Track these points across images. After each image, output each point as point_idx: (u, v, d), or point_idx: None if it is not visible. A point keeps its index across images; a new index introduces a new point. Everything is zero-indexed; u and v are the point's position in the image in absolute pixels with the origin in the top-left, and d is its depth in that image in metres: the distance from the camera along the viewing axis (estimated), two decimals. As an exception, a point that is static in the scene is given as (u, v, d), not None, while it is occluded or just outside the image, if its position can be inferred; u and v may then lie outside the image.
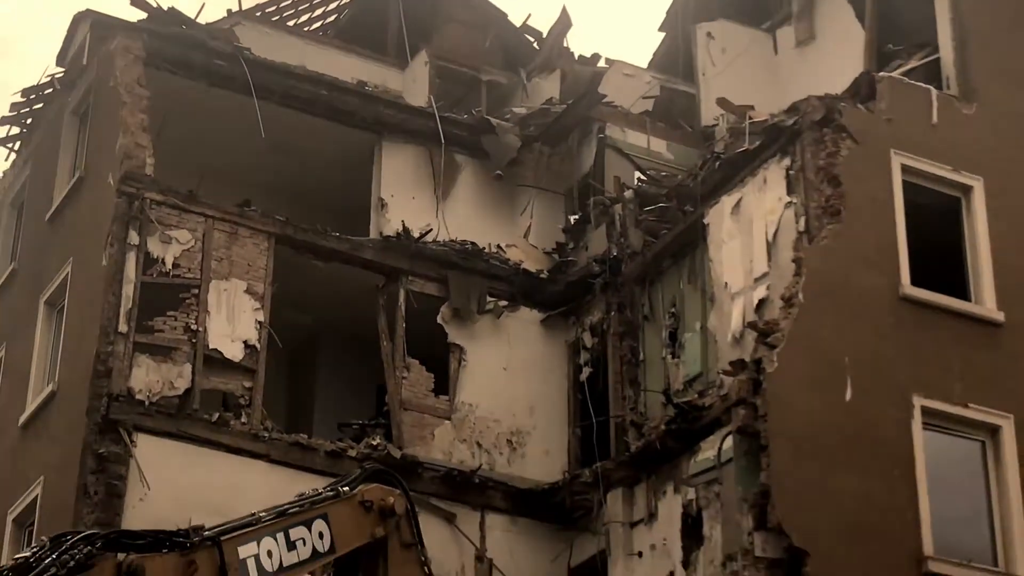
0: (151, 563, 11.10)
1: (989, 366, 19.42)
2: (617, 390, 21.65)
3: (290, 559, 12.50)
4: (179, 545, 11.51)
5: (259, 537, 12.24)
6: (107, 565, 10.80)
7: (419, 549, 14.05)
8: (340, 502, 13.24)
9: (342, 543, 13.14)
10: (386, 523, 13.50)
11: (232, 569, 11.85)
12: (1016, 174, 20.71)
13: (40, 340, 22.97)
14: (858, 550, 17.63)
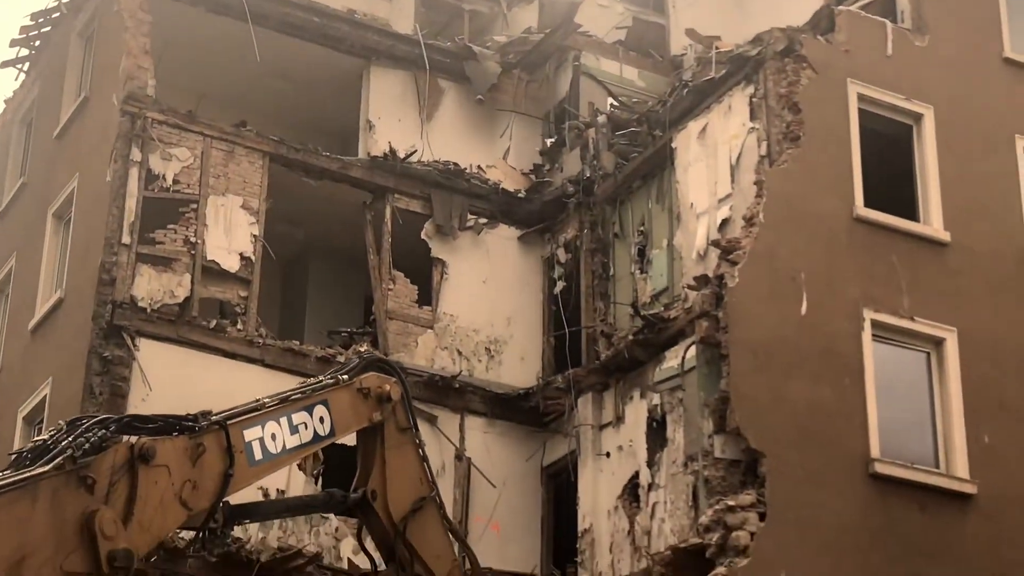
0: (162, 445, 10.99)
1: (935, 283, 19.47)
2: (588, 302, 21.71)
3: (293, 442, 12.43)
4: (188, 429, 11.43)
5: (263, 421, 12.16)
6: (121, 447, 10.68)
7: (414, 433, 13.98)
8: (339, 389, 13.16)
9: (341, 427, 13.08)
10: (383, 408, 13.41)
11: (238, 451, 11.77)
12: (964, 103, 20.67)
13: (48, 250, 22.92)
14: (810, 452, 17.75)
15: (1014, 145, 20.86)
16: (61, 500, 9.95)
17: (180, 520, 11.17)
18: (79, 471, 10.11)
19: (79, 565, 10.02)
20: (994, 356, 19.44)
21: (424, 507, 13.66)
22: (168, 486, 10.89)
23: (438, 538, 13.84)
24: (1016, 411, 19.29)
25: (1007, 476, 18.85)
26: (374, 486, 13.35)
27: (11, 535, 9.51)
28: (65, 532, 9.93)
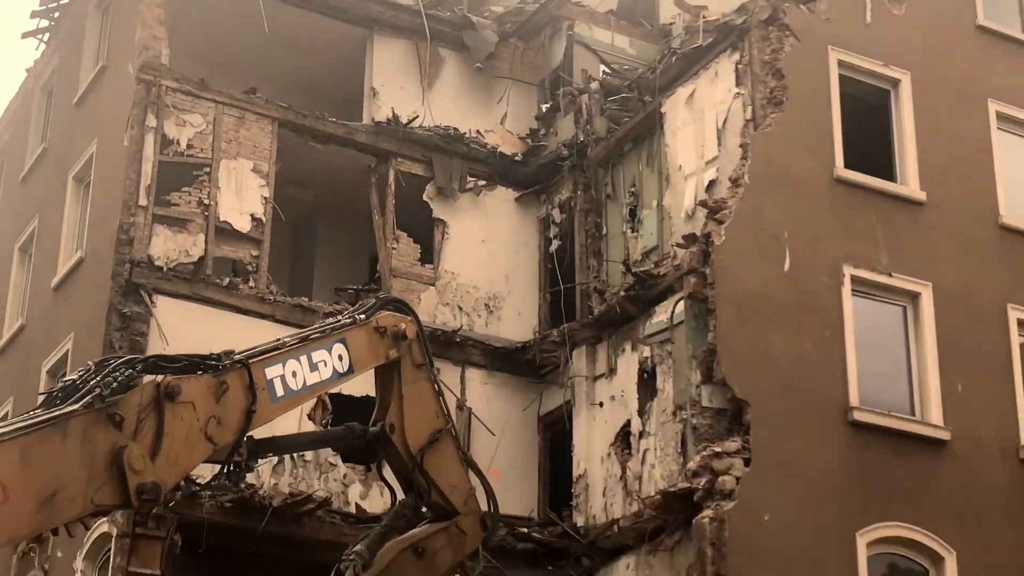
0: (187, 383, 10.85)
1: (911, 240, 19.53)
2: (582, 260, 21.73)
3: (313, 379, 12.28)
4: (212, 367, 11.27)
5: (284, 360, 12.00)
6: (147, 386, 10.57)
7: (429, 369, 13.87)
8: (357, 328, 13.01)
9: (359, 364, 12.92)
10: (398, 346, 13.29)
11: (260, 388, 11.63)
12: (939, 68, 20.67)
13: (69, 212, 22.96)
14: (792, 401, 17.85)
15: (987, 108, 20.89)
16: (91, 436, 9.88)
17: (206, 454, 11.09)
18: (108, 409, 10.03)
19: (109, 498, 9.99)
20: (967, 309, 19.51)
21: (440, 439, 13.62)
22: (193, 422, 10.82)
23: (454, 469, 13.79)
24: (987, 361, 19.39)
25: (979, 423, 18.95)
26: (392, 420, 13.29)
27: (44, 469, 9.45)
28: (95, 467, 9.87)
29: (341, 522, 19.07)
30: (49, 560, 19.97)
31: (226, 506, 17.95)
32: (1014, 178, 20.87)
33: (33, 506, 9.36)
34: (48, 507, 9.45)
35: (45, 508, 9.44)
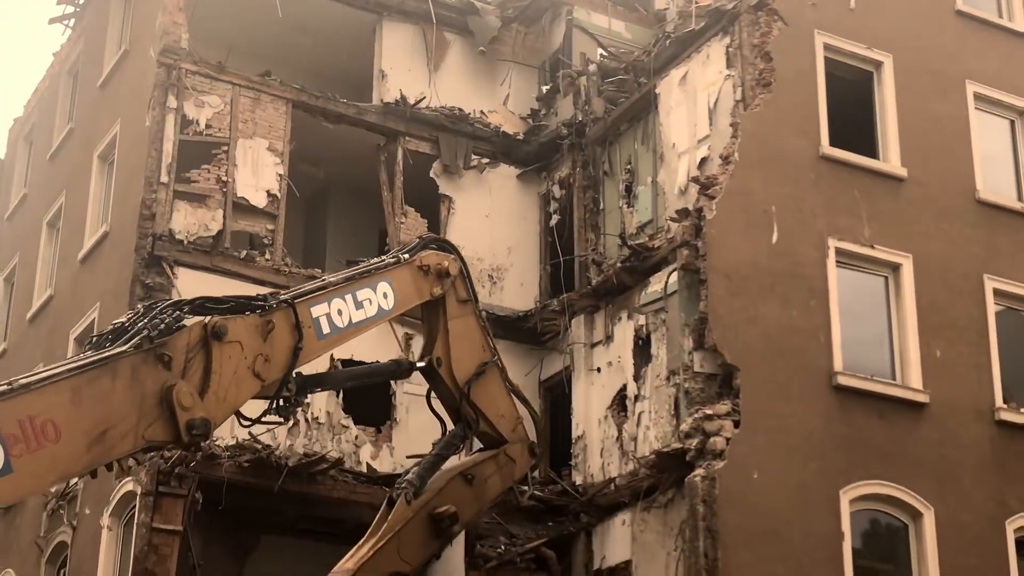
0: (233, 323, 10.75)
1: (893, 214, 19.50)
2: (581, 234, 21.71)
3: (358, 316, 12.18)
4: (258, 308, 11.19)
5: (329, 299, 11.91)
6: (195, 326, 10.45)
7: (474, 304, 13.75)
8: (401, 267, 12.88)
9: (404, 301, 12.83)
10: (442, 283, 13.18)
11: (306, 326, 11.46)
12: (920, 51, 20.61)
13: (94, 188, 22.94)
14: (780, 366, 17.85)
15: (964, 89, 20.85)
16: (140, 376, 9.80)
17: (254, 391, 10.99)
18: (156, 349, 9.94)
19: (160, 433, 9.92)
20: (945, 280, 19.50)
21: (486, 371, 13.53)
22: (241, 360, 10.72)
23: (501, 399, 13.69)
24: (964, 329, 19.38)
25: (956, 386, 18.96)
26: (439, 353, 13.18)
27: (94, 408, 9.36)
28: (146, 404, 9.79)
29: (353, 481, 19.08)
30: (77, 517, 20.00)
31: (244, 466, 17.96)
32: (990, 155, 20.86)
33: (85, 444, 9.26)
34: (100, 444, 9.36)
35: (97, 445, 9.34)
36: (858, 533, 17.86)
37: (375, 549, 13.04)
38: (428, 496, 13.31)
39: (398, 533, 13.13)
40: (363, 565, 12.86)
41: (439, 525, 13.41)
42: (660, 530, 17.96)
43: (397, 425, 20.50)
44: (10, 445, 8.72)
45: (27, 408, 8.92)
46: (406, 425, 20.51)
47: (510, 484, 14.16)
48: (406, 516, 13.23)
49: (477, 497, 13.70)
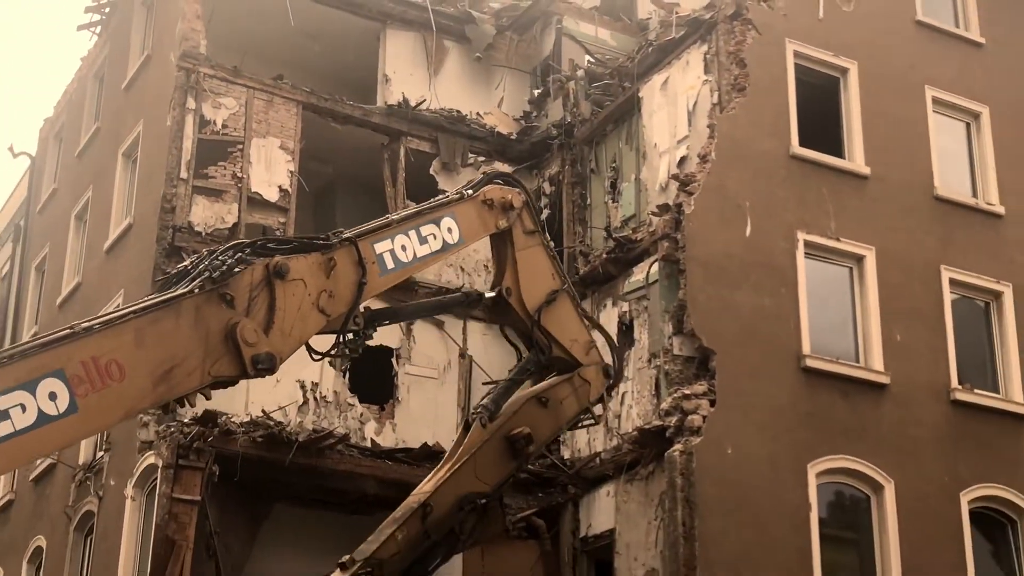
0: (295, 262, 10.17)
1: (857, 209, 19.51)
2: (569, 227, 21.70)
3: (423, 251, 11.55)
4: (320, 247, 10.56)
5: (392, 235, 11.27)
6: (257, 266, 9.92)
7: (541, 234, 12.96)
8: (464, 202, 12.16)
9: (469, 235, 12.16)
10: (508, 216, 12.47)
11: (369, 262, 10.92)
12: (883, 58, 20.62)
13: (119, 184, 22.90)
14: (752, 349, 17.87)
15: (924, 94, 20.87)
16: (203, 316, 9.44)
17: (319, 325, 10.55)
18: (219, 289, 9.58)
19: (226, 369, 9.60)
20: (905, 270, 19.54)
21: (557, 299, 12.91)
22: (305, 297, 10.26)
23: (573, 324, 13.08)
24: (922, 315, 19.42)
25: (915, 368, 19.01)
26: (507, 284, 12.59)
27: (158, 348, 9.06)
28: (211, 342, 9.47)
29: (358, 455, 19.11)
30: (103, 488, 20.01)
31: (258, 441, 17.97)
32: (947, 154, 20.89)
33: (150, 382, 9.01)
34: (166, 381, 9.11)
35: (163, 383, 9.09)
36: (824, 504, 17.90)
37: (452, 471, 12.60)
38: (503, 419, 12.77)
39: (474, 455, 12.63)
40: (440, 487, 12.47)
41: (515, 446, 12.85)
42: (642, 500, 18.01)
43: (399, 404, 20.52)
44: (74, 386, 8.45)
45: (90, 350, 8.63)
46: (407, 404, 20.54)
47: (585, 405, 13.37)
48: (482, 439, 12.72)
49: (553, 419, 13.12)
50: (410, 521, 12.29)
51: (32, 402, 8.18)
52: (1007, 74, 21.89)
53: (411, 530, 12.26)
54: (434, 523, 12.35)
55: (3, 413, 8.03)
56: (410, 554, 12.23)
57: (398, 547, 12.12)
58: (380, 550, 12.06)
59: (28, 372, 8.25)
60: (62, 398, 8.34)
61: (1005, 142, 21.34)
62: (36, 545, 22.83)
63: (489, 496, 12.71)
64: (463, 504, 12.53)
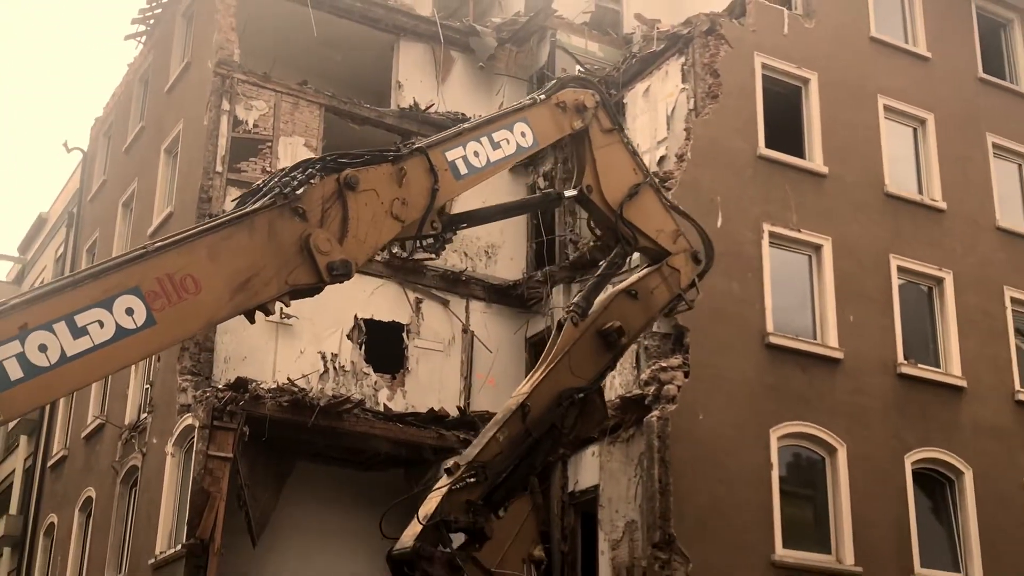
0: (365, 173, 9.45)
1: (816, 203, 19.55)
2: (561, 218, 21.70)
3: (496, 156, 10.64)
4: (390, 159, 9.79)
5: (464, 143, 10.42)
6: (327, 179, 9.24)
7: (619, 132, 11.86)
8: (537, 106, 11.17)
9: (543, 137, 11.16)
10: (582, 116, 11.46)
11: (441, 169, 10.05)
12: (840, 70, 20.63)
13: (161, 176, 22.88)
14: (722, 327, 17.92)
15: (876, 102, 20.87)
16: (277, 229, 8.82)
17: (395, 231, 9.78)
18: (291, 203, 8.93)
19: (303, 277, 8.96)
20: (857, 258, 19.58)
21: (640, 192, 11.91)
22: (378, 205, 9.54)
23: (658, 215, 12.11)
24: (873, 298, 19.48)
25: (865, 345, 19.07)
26: (588, 182, 11.63)
27: (232, 261, 8.52)
28: (287, 253, 8.85)
29: (372, 418, 19.17)
30: (146, 445, 20.08)
31: (283, 405, 18.03)
32: (896, 156, 20.91)
33: (227, 293, 8.47)
34: (243, 291, 8.56)
35: (240, 293, 8.55)
36: (784, 464, 17.97)
37: (548, 370, 11.77)
38: (594, 315, 11.90)
39: (568, 352, 11.81)
40: (537, 386, 11.71)
41: (608, 339, 11.96)
42: (623, 460, 18.07)
43: (409, 373, 20.58)
44: (151, 301, 7.99)
45: (164, 267, 8.14)
46: (416, 373, 20.60)
47: (676, 292, 12.27)
48: (574, 336, 11.90)
49: (644, 309, 12.15)
50: (510, 422, 11.50)
51: (109, 318, 7.82)
52: (950, 85, 21.90)
53: (512, 430, 11.47)
54: (534, 421, 11.55)
55: (81, 330, 7.66)
56: (512, 453, 11.42)
57: (500, 448, 11.34)
58: (482, 453, 11.29)
59: (103, 291, 7.86)
60: (139, 313, 7.96)
61: (948, 145, 21.36)
62: (87, 496, 22.90)
63: (586, 390, 11.87)
64: (561, 400, 11.71)
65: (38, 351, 7.48)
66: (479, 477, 11.18)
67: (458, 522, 11.03)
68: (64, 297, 7.69)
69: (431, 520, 10.85)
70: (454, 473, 11.23)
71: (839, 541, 17.83)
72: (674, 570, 16.51)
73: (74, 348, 7.61)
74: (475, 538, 11.26)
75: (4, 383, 7.31)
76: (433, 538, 10.85)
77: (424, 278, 20.93)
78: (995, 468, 19.53)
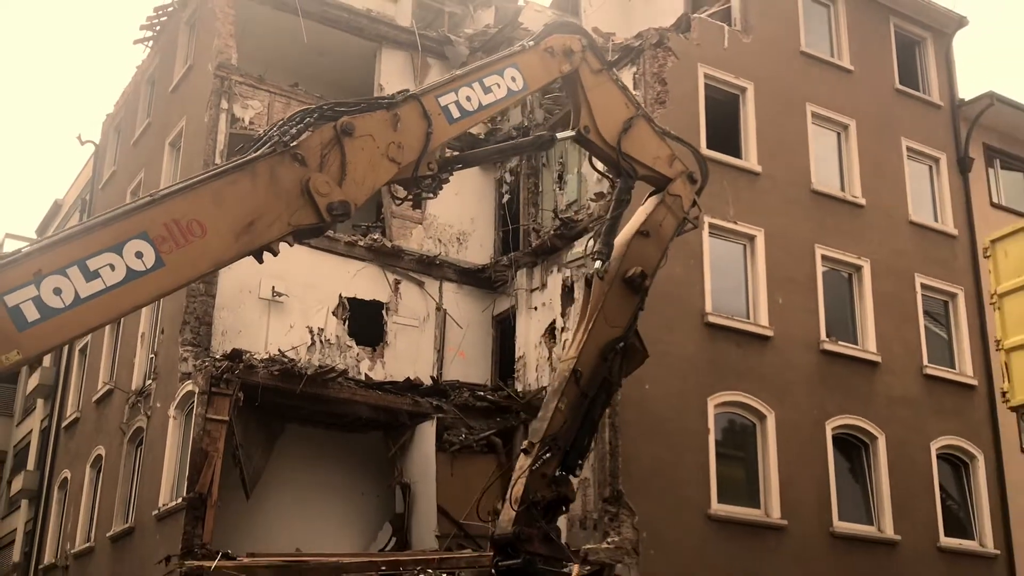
0: (360, 120, 9.04)
1: (750, 198, 19.60)
2: (525, 209, 21.68)
3: (488, 99, 10.08)
4: (384, 105, 9.34)
5: (456, 88, 9.90)
6: (325, 127, 8.89)
7: (608, 72, 11.17)
8: (526, 52, 10.67)
9: (533, 81, 10.59)
10: (570, 60, 10.88)
11: (435, 114, 9.60)
12: (773, 80, 20.68)
13: (166, 168, 22.62)
14: (666, 306, 17.90)
15: (805, 109, 20.96)
16: (278, 175, 8.51)
17: (391, 173, 9.37)
18: (290, 150, 8.62)
19: (305, 218, 8.64)
20: (786, 247, 19.67)
21: (634, 124, 11.29)
22: (374, 149, 9.16)
23: (653, 143, 11.54)
24: (799, 283, 19.59)
25: (793, 325, 19.18)
26: (584, 123, 11.09)
27: (236, 206, 8.20)
28: (288, 197, 8.55)
29: (354, 386, 19.04)
30: (151, 409, 19.91)
31: (275, 373, 17.88)
32: (822, 157, 21.01)
33: (232, 235, 8.15)
34: (248, 234, 8.24)
35: (245, 235, 8.22)
36: (720, 428, 18.09)
37: (588, 331, 11.32)
38: (615, 265, 11.43)
39: (601, 308, 11.37)
40: (583, 348, 11.25)
41: (633, 285, 11.50)
42: (577, 425, 18.08)
43: (388, 346, 20.50)
44: (159, 244, 7.71)
45: (171, 213, 7.83)
46: (395, 346, 20.52)
47: (682, 217, 11.79)
48: (603, 291, 11.45)
49: (657, 243, 11.68)
50: (567, 389, 11.13)
51: (120, 262, 7.54)
52: (870, 95, 22.01)
53: (570, 397, 11.11)
54: (587, 382, 11.19)
55: (94, 273, 7.41)
56: (576, 417, 11.11)
57: (564, 417, 11.01)
58: (551, 426, 10.98)
59: (113, 237, 7.58)
60: (148, 256, 7.68)
61: (868, 148, 21.48)
62: (97, 454, 22.71)
63: (626, 337, 11.48)
64: (606, 354, 11.30)
65: (53, 294, 7.24)
66: (553, 450, 10.92)
67: (544, 499, 10.82)
68: (76, 244, 7.47)
69: (522, 505, 10.62)
70: (530, 452, 10.96)
71: (767, 497, 17.96)
72: (622, 522, 16.57)
73: (87, 290, 7.37)
74: (561, 504, 11.04)
75: (22, 324, 7.08)
76: (527, 518, 10.65)
77: (402, 261, 20.82)
78: (905, 433, 19.74)
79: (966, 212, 22.29)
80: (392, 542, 18.46)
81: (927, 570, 19.13)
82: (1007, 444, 20.94)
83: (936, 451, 20.06)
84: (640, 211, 11.84)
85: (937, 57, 23.37)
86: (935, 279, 21.32)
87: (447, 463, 18.69)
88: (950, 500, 20.29)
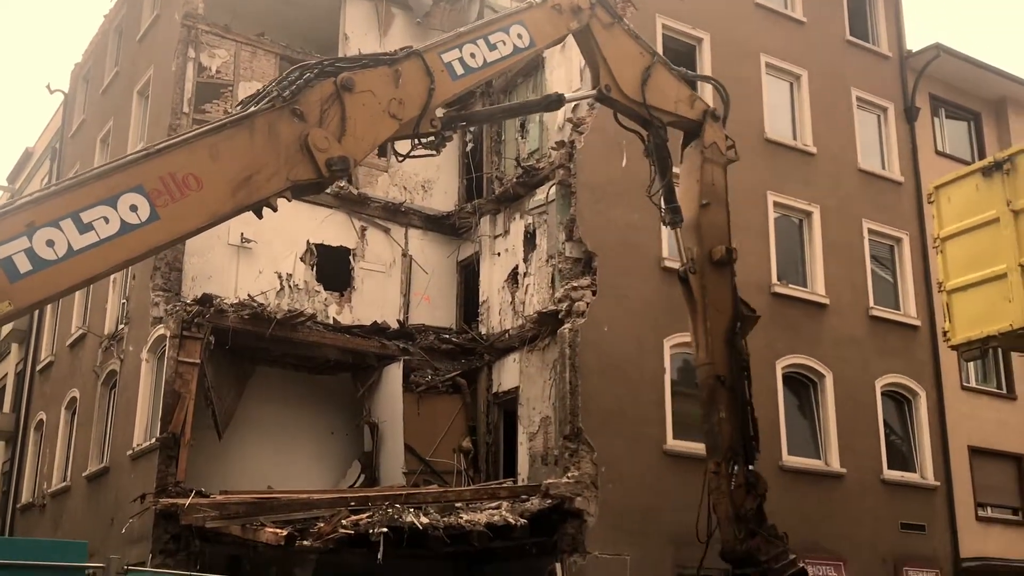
0: (362, 75, 8.68)
1: (706, 147, 19.54)
2: (488, 157, 21.51)
3: (493, 56, 9.70)
4: (386, 61, 8.96)
5: (460, 45, 9.54)
6: (325, 82, 8.53)
7: (620, 23, 10.83)
8: (533, 9, 10.25)
9: (540, 38, 10.18)
10: (578, 17, 10.47)
11: (438, 71, 9.20)
12: (729, 31, 20.56)
13: (134, 116, 22.20)
14: (626, 253, 17.99)
15: (759, 59, 20.88)
16: (277, 130, 8.21)
17: (392, 129, 9.08)
18: (289, 105, 8.30)
19: (303, 174, 8.35)
20: (740, 193, 18.93)
21: (652, 71, 11.06)
22: (375, 105, 8.83)
23: (672, 87, 11.31)
24: (753, 229, 19.59)
25: (745, 268, 18.31)
26: (605, 81, 10.77)
27: (233, 160, 7.91)
28: (287, 152, 8.24)
29: (322, 330, 19.01)
30: (124, 352, 19.72)
31: (245, 317, 17.78)
32: (775, 107, 20.99)
33: (229, 189, 7.87)
34: (245, 188, 7.97)
35: (242, 189, 7.96)
36: (675, 368, 18.19)
37: (706, 327, 11.30)
38: (698, 251, 11.34)
39: (707, 302, 11.31)
40: (711, 347, 11.24)
41: (721, 263, 11.55)
42: (539, 365, 18.17)
43: (355, 291, 20.37)
44: (154, 198, 7.43)
45: (166, 166, 7.56)
46: (361, 291, 20.40)
47: (727, 159, 11.56)
48: (701, 283, 11.37)
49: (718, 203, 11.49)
50: (719, 397, 11.23)
51: (114, 214, 7.29)
52: (822, 46, 21.94)
53: (725, 402, 11.20)
54: (731, 379, 11.26)
55: (87, 226, 7.16)
56: (736, 416, 11.21)
57: (729, 423, 11.10)
58: (724, 439, 11.07)
59: (108, 190, 7.32)
60: (143, 209, 7.41)
61: (819, 98, 21.46)
62: (72, 396, 22.51)
63: (736, 317, 11.45)
64: (730, 340, 11.33)
65: (46, 246, 7.02)
66: (736, 459, 11.00)
67: (751, 509, 10.90)
68: (69, 196, 7.23)
69: (739, 523, 10.79)
70: (720, 472, 11.00)
71: (720, 433, 18.17)
72: (581, 458, 16.71)
73: (81, 242, 7.14)
74: (763, 499, 11.19)
75: (14, 275, 6.87)
76: (747, 531, 10.83)
77: (368, 208, 20.62)
78: (851, 372, 19.98)
79: (912, 160, 22.40)
80: (361, 479, 18.52)
81: (871, 501, 19.50)
82: (948, 382, 21.28)
83: (881, 389, 20.35)
84: (685, 177, 11.42)
85: (887, 9, 23.32)
86: (881, 224, 21.46)
87: (413, 403, 18.73)
88: (893, 435, 20.63)
